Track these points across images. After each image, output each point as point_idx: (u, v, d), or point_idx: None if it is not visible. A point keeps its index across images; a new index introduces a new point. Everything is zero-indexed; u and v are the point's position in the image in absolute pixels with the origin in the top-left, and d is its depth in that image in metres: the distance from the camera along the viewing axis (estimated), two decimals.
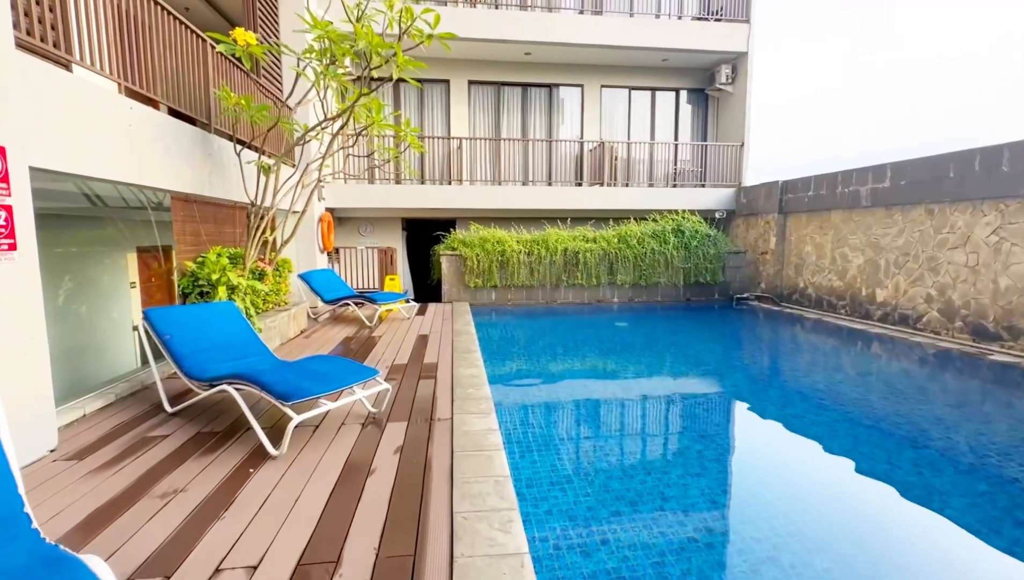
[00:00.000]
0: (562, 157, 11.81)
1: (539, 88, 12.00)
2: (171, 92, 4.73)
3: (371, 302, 7.14)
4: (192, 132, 4.98)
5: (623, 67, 11.98)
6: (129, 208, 5.87)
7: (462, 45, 10.68)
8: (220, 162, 5.50)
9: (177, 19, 4.61)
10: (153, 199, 5.38)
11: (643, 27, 10.79)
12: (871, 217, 7.92)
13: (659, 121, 12.53)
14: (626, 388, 5.65)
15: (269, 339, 5.40)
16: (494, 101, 11.87)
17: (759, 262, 10.46)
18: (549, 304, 9.90)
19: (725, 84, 11.60)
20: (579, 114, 12.16)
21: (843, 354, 7.03)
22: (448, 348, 5.63)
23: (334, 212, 10.64)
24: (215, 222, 5.70)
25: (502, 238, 9.67)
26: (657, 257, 9.94)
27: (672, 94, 12.50)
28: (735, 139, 11.69)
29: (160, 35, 4.50)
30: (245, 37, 4.18)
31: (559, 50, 10.96)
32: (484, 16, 10.33)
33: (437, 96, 11.67)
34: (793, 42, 33.33)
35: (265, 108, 4.94)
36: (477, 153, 11.15)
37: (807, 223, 9.33)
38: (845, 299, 8.46)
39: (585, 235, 10.13)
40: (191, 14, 7.77)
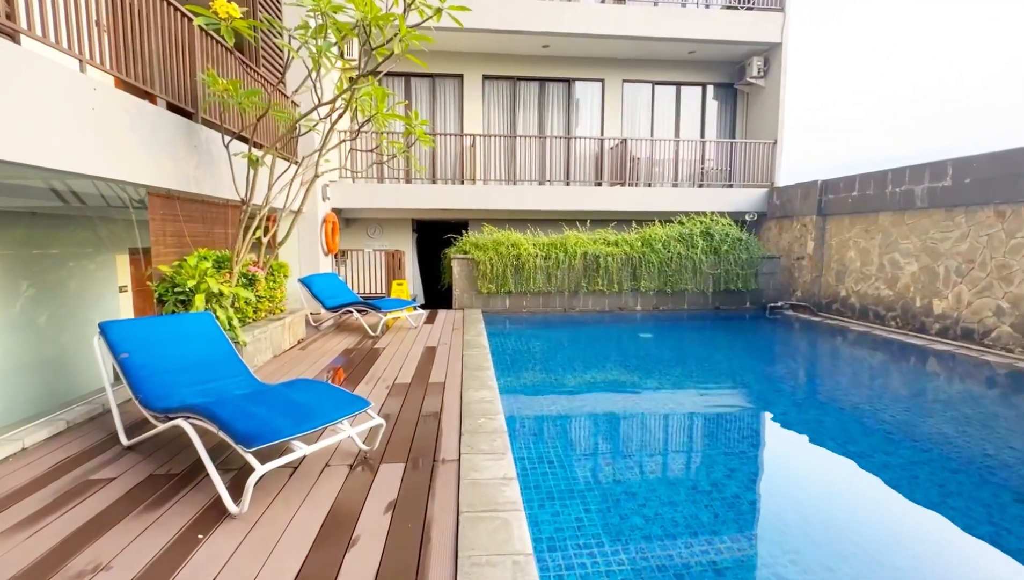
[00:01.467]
0: (581, 155, 11.17)
1: (557, 83, 11.39)
2: (148, 75, 4.22)
3: (376, 310, 6.58)
4: (175, 121, 4.46)
5: (646, 60, 11.31)
6: (115, 206, 5.38)
7: (476, 37, 10.13)
8: (209, 155, 4.98)
9: None
10: (135, 196, 4.88)
11: (669, 16, 10.12)
12: (927, 219, 7.14)
13: (684, 118, 11.83)
14: (656, 418, 4.99)
15: (259, 352, 4.86)
16: (510, 97, 11.29)
17: (794, 268, 9.70)
18: (567, 312, 9.26)
19: (757, 77, 10.87)
20: (599, 110, 11.52)
21: (901, 373, 6.28)
22: (457, 364, 5.03)
23: (341, 213, 10.14)
24: (203, 222, 5.18)
25: (517, 241, 9.06)
26: (684, 262, 9.24)
27: (698, 89, 11.79)
28: (767, 136, 10.94)
29: (135, 7, 3.98)
30: (227, 8, 3.64)
31: (579, 42, 10.34)
32: (500, 5, 9.75)
33: (450, 91, 11.13)
34: (832, 32, 31.94)
35: (255, 93, 4.40)
36: (491, 151, 10.57)
37: (850, 226, 8.55)
38: (895, 310, 7.68)
39: (606, 238, 9.48)
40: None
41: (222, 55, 5.27)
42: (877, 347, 7.19)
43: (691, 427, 4.66)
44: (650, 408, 5.11)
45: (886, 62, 32.58)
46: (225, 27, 3.84)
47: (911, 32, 31.56)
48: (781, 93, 10.51)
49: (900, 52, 32.29)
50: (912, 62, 32.17)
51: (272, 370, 4.71)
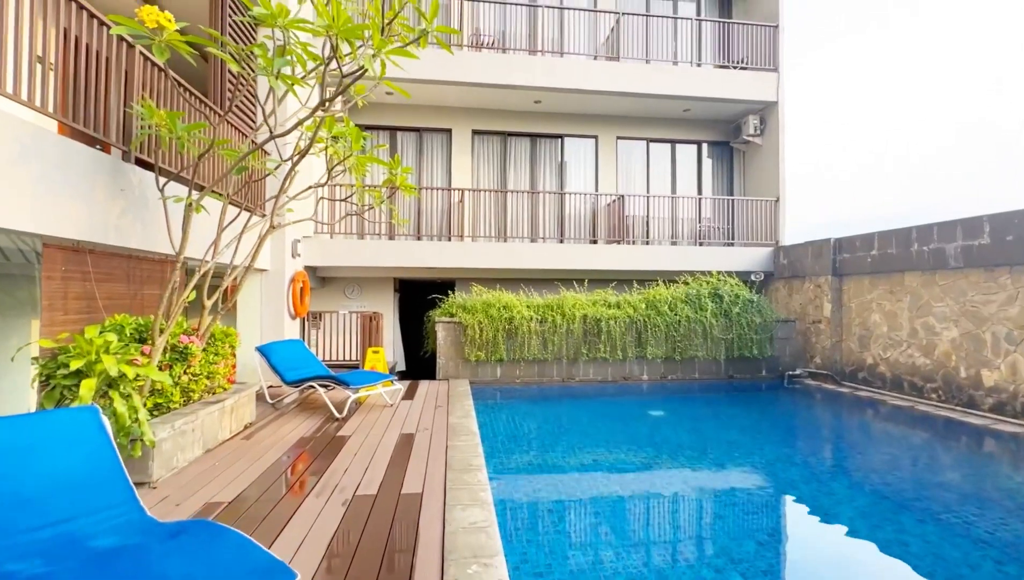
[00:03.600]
0: (575, 212, 10.60)
1: (550, 139, 11.00)
2: (59, 98, 3.40)
3: (344, 386, 5.52)
4: (93, 158, 3.60)
5: (640, 117, 11.04)
6: (18, 262, 4.41)
7: (466, 91, 9.75)
8: (142, 201, 4.10)
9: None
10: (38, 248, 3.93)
11: (662, 74, 9.91)
12: (964, 280, 6.47)
13: (680, 175, 11.45)
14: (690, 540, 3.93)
15: (183, 449, 3.74)
16: (500, 152, 10.82)
17: (811, 332, 8.91)
18: (566, 382, 8.24)
19: (753, 136, 10.60)
20: (593, 167, 11.09)
21: (960, 459, 5.33)
22: (440, 461, 3.96)
23: (316, 271, 9.23)
24: (128, 281, 4.21)
25: (509, 303, 8.18)
26: (693, 326, 8.40)
27: (694, 147, 11.50)
28: (767, 194, 10.52)
29: (40, 17, 3.22)
30: (156, 17, 2.89)
31: (571, 98, 10.03)
32: (491, 60, 9.45)
33: (438, 146, 10.63)
34: (832, 89, 33.33)
35: (199, 127, 3.59)
36: (481, 206, 9.93)
37: (871, 287, 7.88)
38: (935, 381, 6.84)
39: (607, 300, 8.65)
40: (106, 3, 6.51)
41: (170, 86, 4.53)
42: (920, 424, 6.27)
43: (737, 554, 3.60)
44: (681, 524, 4.04)
45: (887, 120, 33.86)
46: (157, 43, 3.08)
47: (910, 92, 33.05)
48: (780, 151, 10.19)
49: (900, 110, 33.68)
50: (911, 121, 33.50)
51: (194, 476, 3.58)
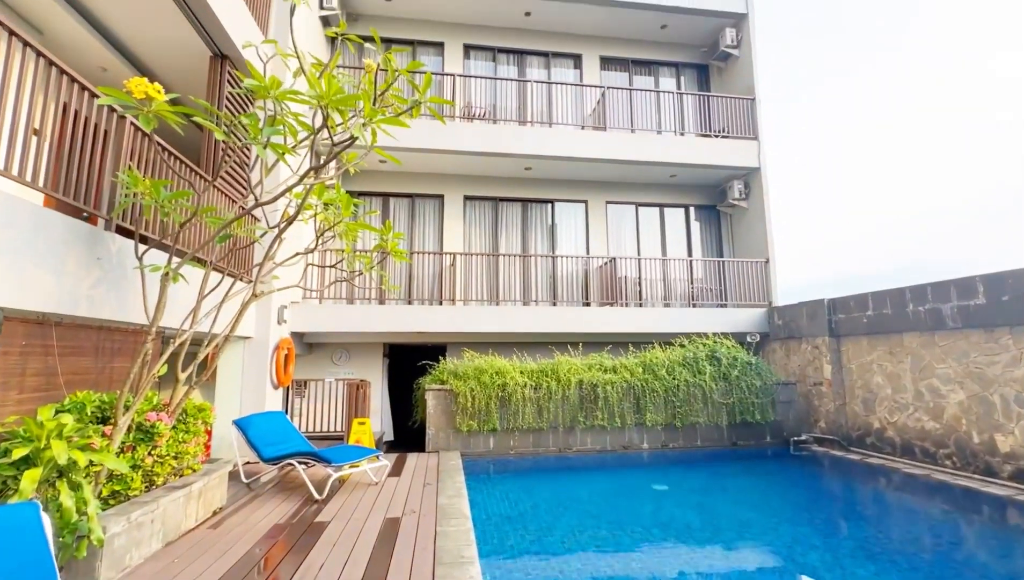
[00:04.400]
0: (567, 274, 10.57)
1: (540, 204, 11.19)
2: (50, 171, 3.31)
3: (326, 463, 5.13)
4: (68, 227, 3.46)
5: (628, 183, 11.33)
6: None
7: (458, 159, 9.99)
8: (119, 270, 3.93)
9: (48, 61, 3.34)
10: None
11: (647, 142, 10.27)
12: (965, 341, 6.36)
13: (670, 238, 11.59)
14: None
15: (139, 544, 3.34)
16: (492, 217, 10.94)
17: (813, 395, 8.67)
18: (563, 452, 7.82)
19: (739, 200, 10.86)
20: (584, 230, 11.21)
21: (999, 536, 4.97)
22: (428, 552, 3.56)
23: (302, 337, 8.97)
24: (97, 354, 3.95)
25: (502, 368, 7.91)
26: (692, 390, 8.14)
27: (682, 210, 11.74)
28: (757, 255, 10.63)
29: (41, 93, 3.20)
30: (145, 89, 2.86)
31: (561, 165, 10.30)
32: (482, 129, 9.76)
33: (430, 211, 10.73)
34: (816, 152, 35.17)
35: (183, 195, 3.50)
36: (473, 270, 9.87)
37: (870, 348, 7.75)
38: (947, 446, 6.55)
39: (603, 364, 8.42)
40: (109, 80, 6.55)
41: (159, 154, 4.50)
42: (939, 495, 5.92)
43: None
44: None
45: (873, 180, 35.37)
46: (144, 115, 3.04)
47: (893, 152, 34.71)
48: (767, 214, 10.41)
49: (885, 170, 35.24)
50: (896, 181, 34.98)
51: (147, 578, 3.16)
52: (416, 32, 10.97)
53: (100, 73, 6.50)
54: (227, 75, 6.06)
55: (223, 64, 6.08)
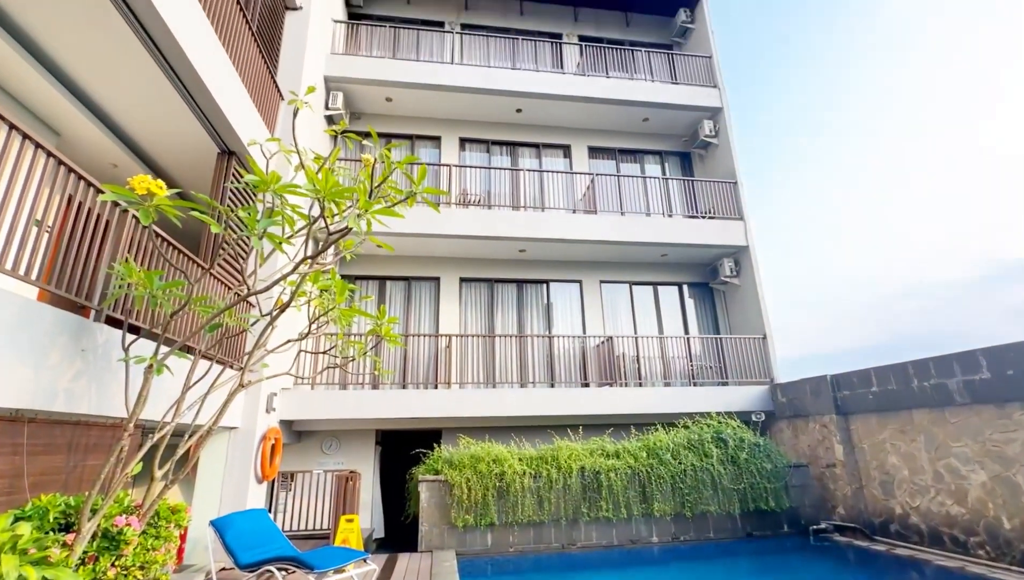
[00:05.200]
0: (564, 354, 10.44)
1: (535, 284, 11.31)
2: (45, 265, 3.32)
3: (307, 570, 4.69)
4: (57, 318, 3.41)
5: (621, 262, 11.56)
6: None
7: (454, 243, 10.24)
8: (103, 361, 3.83)
9: (59, 160, 3.46)
10: None
11: (637, 224, 10.62)
12: (977, 418, 6.17)
13: (665, 315, 11.62)
14: None
15: None
16: (487, 298, 11.01)
17: (827, 478, 8.24)
18: (566, 548, 7.24)
19: (730, 277, 11.04)
20: (579, 310, 11.25)
21: None
22: None
23: (292, 425, 8.63)
24: (71, 451, 3.74)
25: (500, 455, 7.55)
26: (700, 476, 7.73)
27: (675, 289, 11.88)
28: (752, 331, 10.61)
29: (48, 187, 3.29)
30: (147, 185, 2.95)
31: (554, 247, 10.55)
32: (477, 215, 10.11)
33: (426, 294, 10.81)
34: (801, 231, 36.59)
35: (175, 285, 3.50)
36: (468, 352, 9.75)
37: (880, 426, 7.49)
38: (978, 534, 6.12)
39: (604, 449, 8.06)
40: (119, 176, 6.79)
41: (158, 242, 4.56)
42: None
43: None
44: None
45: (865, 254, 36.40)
46: (144, 210, 3.11)
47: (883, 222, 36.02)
48: (759, 290, 10.53)
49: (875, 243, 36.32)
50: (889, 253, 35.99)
51: None
52: (415, 128, 11.71)
53: (111, 169, 6.79)
54: (232, 169, 6.34)
55: (229, 159, 6.38)
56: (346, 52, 10.99)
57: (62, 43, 4.81)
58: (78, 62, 5.04)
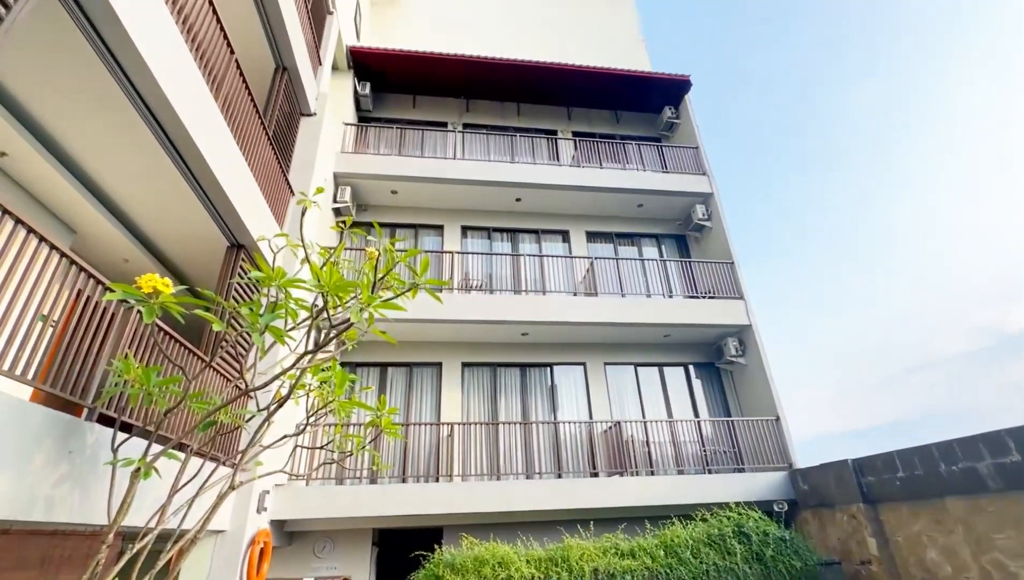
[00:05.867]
0: (571, 441, 10.01)
1: (539, 368, 11.14)
2: (43, 363, 3.29)
3: None
4: (48, 419, 3.32)
5: (625, 344, 11.46)
6: None
7: (456, 328, 10.23)
8: (90, 463, 3.66)
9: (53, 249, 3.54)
10: None
11: (638, 306, 10.67)
12: (1017, 506, 5.76)
13: (673, 397, 11.32)
14: None
15: None
16: (490, 383, 10.80)
17: (863, 577, 7.55)
18: None
19: (736, 357, 10.89)
20: (585, 393, 10.98)
21: None
22: None
23: (284, 525, 8.08)
24: (43, 566, 3.47)
25: (506, 557, 6.97)
26: (724, 577, 7.08)
27: (681, 369, 11.67)
28: (763, 412, 10.26)
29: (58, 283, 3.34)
30: (154, 284, 3.00)
31: (557, 330, 10.53)
32: (479, 299, 10.20)
33: (427, 380, 10.62)
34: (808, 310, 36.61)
35: (172, 381, 3.43)
36: (472, 441, 9.38)
37: (913, 516, 6.99)
38: None
39: (618, 547, 7.46)
40: (130, 270, 6.92)
41: (160, 337, 4.55)
42: None
43: None
44: None
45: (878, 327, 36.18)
46: (148, 307, 3.14)
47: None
48: (767, 370, 10.34)
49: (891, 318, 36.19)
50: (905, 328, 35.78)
51: None
52: (419, 218, 12.18)
53: (122, 264, 6.97)
54: (240, 262, 6.50)
55: (238, 252, 6.56)
56: (355, 151, 11.73)
57: (89, 149, 5.14)
58: (101, 165, 5.35)
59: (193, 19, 5.09)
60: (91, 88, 4.35)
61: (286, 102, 8.42)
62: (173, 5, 4.69)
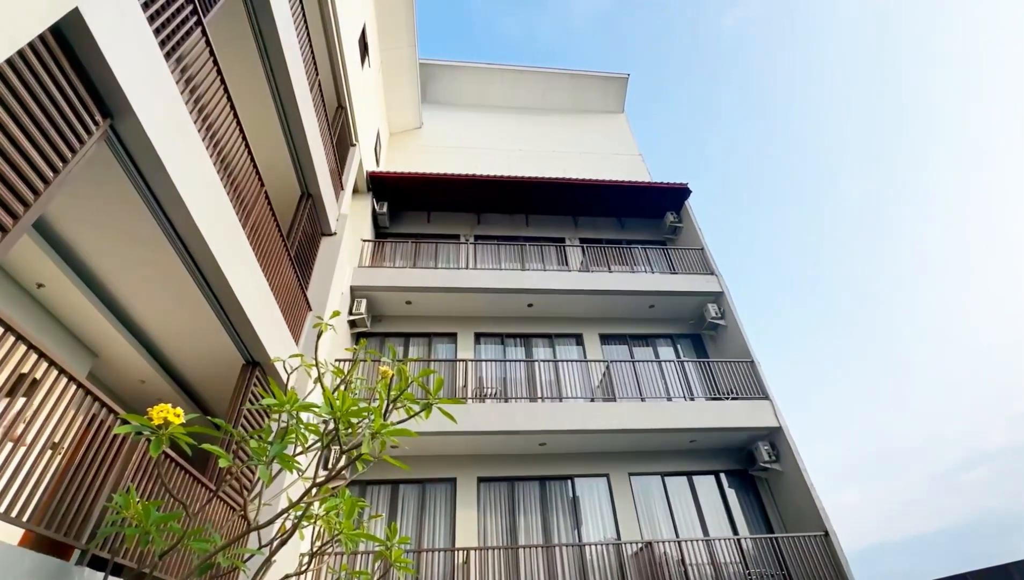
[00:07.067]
0: (599, 564, 9.06)
1: (559, 480, 10.47)
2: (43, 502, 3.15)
3: None
4: (35, 565, 3.09)
5: (649, 452, 10.84)
6: None
7: (471, 440, 9.84)
8: None
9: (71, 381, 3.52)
10: None
11: (659, 410, 10.25)
12: None
13: (707, 510, 10.41)
14: None
15: None
16: (508, 499, 10.10)
17: None
18: None
19: (770, 462, 10.17)
20: (610, 508, 10.17)
21: None
22: None
23: None
24: None
25: None
26: None
27: (711, 478, 10.88)
28: (808, 526, 9.32)
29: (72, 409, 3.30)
30: (165, 414, 2.95)
31: (575, 438, 10.05)
32: (494, 409, 9.91)
33: (441, 497, 9.98)
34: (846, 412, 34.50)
35: (171, 518, 3.24)
36: (489, 568, 8.54)
37: None
38: None
39: None
40: (146, 390, 6.90)
41: (162, 471, 4.39)
42: None
43: None
44: None
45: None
46: (156, 439, 3.07)
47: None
48: (805, 476, 9.58)
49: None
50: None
51: None
52: (432, 326, 12.31)
53: (139, 385, 7.00)
54: (255, 379, 6.48)
55: (253, 370, 6.56)
56: (372, 264, 12.23)
57: (119, 277, 5.39)
58: (129, 291, 5.58)
59: (230, 158, 5.61)
60: (129, 224, 4.68)
61: (309, 224, 8.97)
62: (214, 148, 5.20)
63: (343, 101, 11.11)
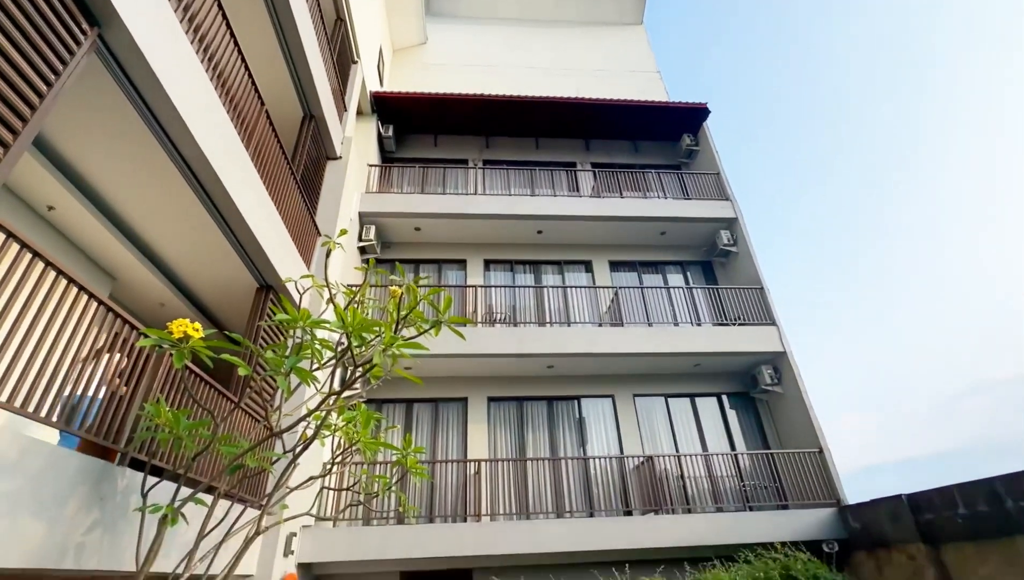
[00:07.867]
0: (602, 477, 9.68)
1: (566, 401, 10.92)
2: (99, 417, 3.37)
3: None
4: (83, 466, 3.36)
5: (654, 375, 11.16)
6: None
7: (481, 362, 10.16)
8: (121, 509, 3.69)
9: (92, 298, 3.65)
10: None
11: (666, 334, 10.42)
12: None
13: (707, 429, 10.88)
14: None
15: None
16: (517, 418, 10.61)
17: None
18: None
19: (771, 385, 10.46)
20: (615, 426, 10.67)
21: None
22: None
23: (311, 568, 7.95)
24: None
25: None
26: None
27: (714, 400, 11.26)
28: (805, 444, 9.74)
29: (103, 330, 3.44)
30: (184, 328, 3.06)
31: (583, 362, 10.34)
32: (503, 333, 10.14)
33: (453, 415, 10.50)
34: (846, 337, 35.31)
35: (201, 424, 3.46)
36: (499, 478, 9.15)
37: (980, 557, 6.43)
38: None
39: None
40: (166, 313, 7.14)
41: (191, 381, 4.63)
42: None
43: None
44: None
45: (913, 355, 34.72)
46: (179, 352, 3.20)
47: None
48: (805, 398, 9.88)
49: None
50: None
51: None
52: (442, 253, 12.33)
53: (159, 308, 7.21)
54: (269, 302, 6.64)
55: (267, 293, 6.71)
56: (379, 190, 12.06)
57: (130, 201, 5.39)
58: (141, 215, 5.60)
59: (227, 75, 5.38)
60: (132, 145, 4.60)
61: (313, 147, 8.75)
62: (209, 62, 4.97)
63: (341, 12, 10.42)
